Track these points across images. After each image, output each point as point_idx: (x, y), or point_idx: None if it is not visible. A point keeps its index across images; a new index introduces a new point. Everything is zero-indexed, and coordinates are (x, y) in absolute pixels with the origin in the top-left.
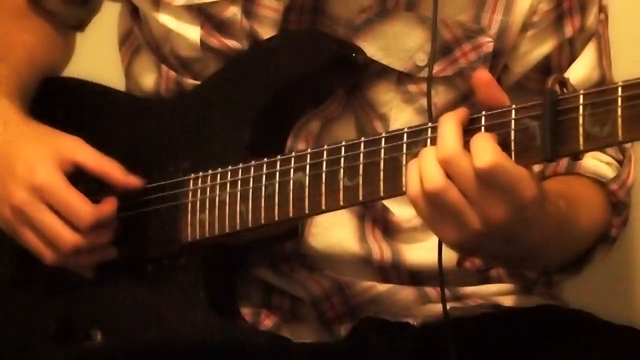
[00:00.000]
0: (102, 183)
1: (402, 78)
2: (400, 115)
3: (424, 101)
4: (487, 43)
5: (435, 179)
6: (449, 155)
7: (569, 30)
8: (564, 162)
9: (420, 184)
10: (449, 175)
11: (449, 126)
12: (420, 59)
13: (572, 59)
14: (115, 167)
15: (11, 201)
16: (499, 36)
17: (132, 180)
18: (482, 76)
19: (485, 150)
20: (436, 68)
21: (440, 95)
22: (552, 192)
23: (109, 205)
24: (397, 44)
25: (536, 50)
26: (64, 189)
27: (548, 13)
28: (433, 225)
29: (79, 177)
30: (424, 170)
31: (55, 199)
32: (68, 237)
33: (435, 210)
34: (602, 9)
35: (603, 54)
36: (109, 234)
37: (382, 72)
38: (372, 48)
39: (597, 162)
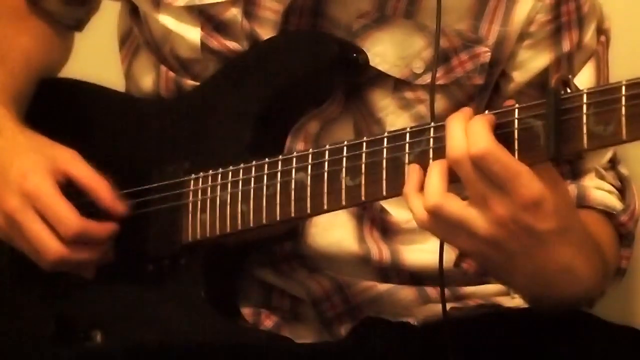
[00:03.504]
0: None
1: (398, 85)
2: (397, 121)
3: (420, 108)
4: (485, 53)
5: (433, 194)
6: (459, 156)
7: (566, 45)
8: (572, 194)
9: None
10: (460, 177)
11: (457, 126)
12: (418, 67)
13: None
14: (105, 188)
15: (3, 208)
16: (496, 46)
17: (118, 206)
18: None
19: (480, 137)
20: None
21: (437, 103)
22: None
23: (102, 227)
24: (394, 50)
25: (534, 60)
26: (52, 197)
27: (545, 24)
28: (447, 240)
29: (76, 190)
30: (425, 188)
31: (42, 205)
32: (52, 247)
33: (443, 225)
34: (604, 32)
35: (601, 76)
36: (99, 253)
37: (379, 78)
38: (370, 54)
39: (604, 193)
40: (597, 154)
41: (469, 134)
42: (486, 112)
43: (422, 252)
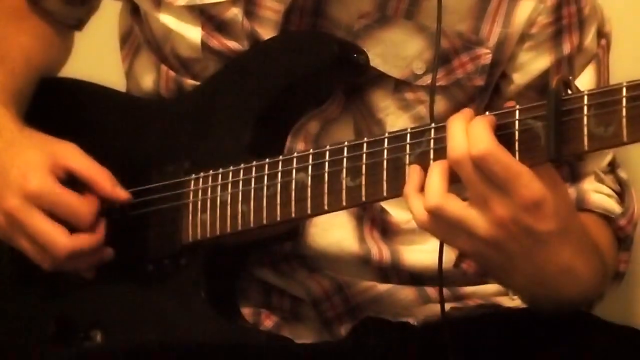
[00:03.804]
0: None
1: (399, 85)
2: (397, 122)
3: (420, 109)
4: (485, 55)
5: (434, 195)
6: (460, 157)
7: (567, 47)
8: (571, 197)
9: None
10: (460, 177)
11: (458, 127)
12: (418, 67)
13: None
14: (105, 177)
15: (4, 208)
16: (497, 48)
17: (119, 193)
18: None
19: (481, 137)
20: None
21: (437, 104)
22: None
23: (95, 202)
24: (395, 51)
25: (534, 62)
26: (59, 192)
27: (546, 26)
28: (446, 241)
29: (73, 183)
30: (425, 188)
31: (51, 202)
32: (62, 242)
33: (443, 225)
34: (604, 36)
35: (602, 80)
36: (102, 233)
37: (380, 78)
38: (370, 54)
39: (603, 197)
40: (597, 157)
41: (470, 135)
42: (486, 112)
43: (422, 253)
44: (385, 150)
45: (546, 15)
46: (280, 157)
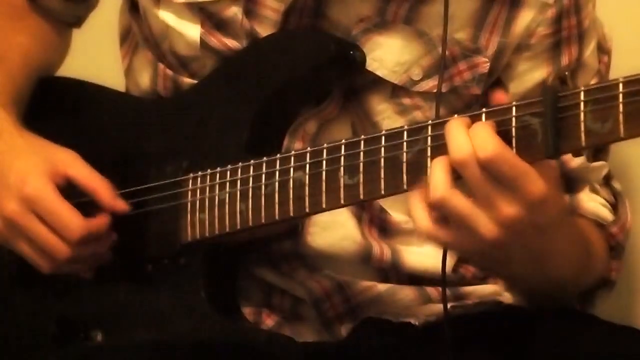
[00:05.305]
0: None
1: (396, 90)
2: (393, 126)
3: (417, 114)
4: (483, 64)
5: (438, 188)
6: (465, 158)
7: (565, 60)
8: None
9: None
10: (465, 178)
11: (459, 130)
12: (415, 73)
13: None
14: (105, 188)
15: (2, 212)
16: (495, 57)
17: (119, 204)
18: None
19: (487, 141)
20: (430, 84)
21: (433, 111)
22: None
23: (100, 220)
24: (393, 56)
25: (531, 72)
26: (54, 201)
27: (545, 37)
28: (449, 242)
29: (73, 191)
30: (430, 181)
31: (44, 210)
32: (62, 248)
33: (446, 224)
34: (606, 52)
35: None
36: (105, 246)
37: (377, 82)
38: (368, 58)
39: (596, 205)
40: (593, 170)
41: (475, 138)
42: (483, 109)
43: (421, 255)
44: (383, 148)
45: (546, 26)
46: (278, 155)
